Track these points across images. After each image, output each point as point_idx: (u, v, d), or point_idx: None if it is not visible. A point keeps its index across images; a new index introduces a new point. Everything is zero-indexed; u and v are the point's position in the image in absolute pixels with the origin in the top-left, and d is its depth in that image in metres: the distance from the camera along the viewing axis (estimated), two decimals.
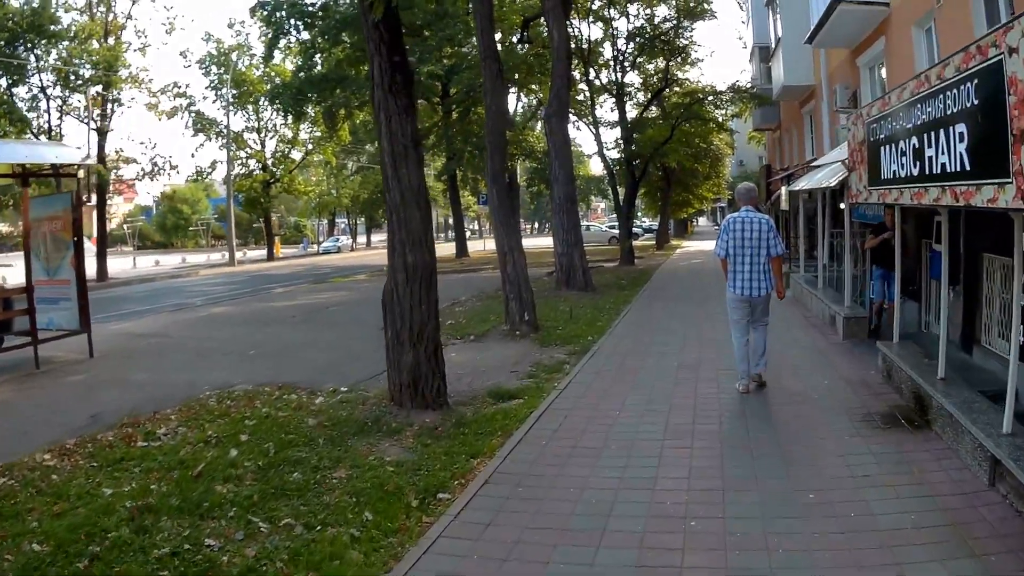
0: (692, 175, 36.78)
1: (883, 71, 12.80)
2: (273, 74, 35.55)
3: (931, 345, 8.07)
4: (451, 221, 48.08)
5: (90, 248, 46.50)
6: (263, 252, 45.17)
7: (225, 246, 45.46)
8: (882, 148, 6.17)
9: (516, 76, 24.63)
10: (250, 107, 37.96)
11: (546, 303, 14.15)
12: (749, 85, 25.10)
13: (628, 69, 26.53)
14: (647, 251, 33.31)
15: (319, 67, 23.61)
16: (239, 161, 38.78)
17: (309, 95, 23.30)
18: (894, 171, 5.81)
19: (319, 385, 8.11)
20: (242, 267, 35.36)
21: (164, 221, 66.48)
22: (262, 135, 39.62)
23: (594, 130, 25.85)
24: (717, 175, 38.67)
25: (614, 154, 27.71)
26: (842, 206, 14.44)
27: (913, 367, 6.38)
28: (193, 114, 35.77)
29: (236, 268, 34.49)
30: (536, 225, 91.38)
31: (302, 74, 23.51)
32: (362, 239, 63.16)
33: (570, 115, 26.83)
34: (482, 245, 42.50)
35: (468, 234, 43.81)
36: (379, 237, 65.28)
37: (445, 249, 39.47)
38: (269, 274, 30.08)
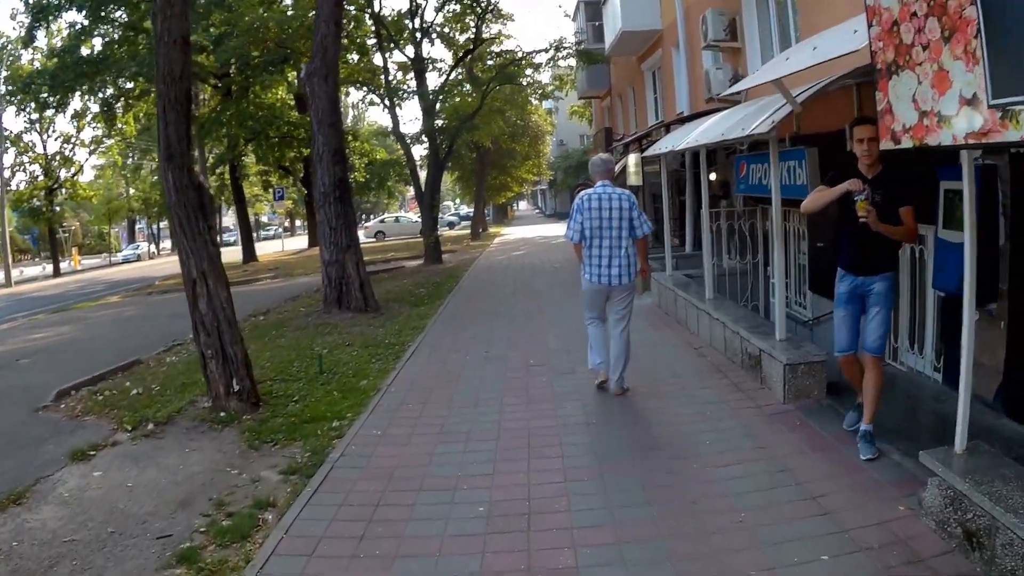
0: (509, 155, 33.26)
1: None
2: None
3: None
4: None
5: None
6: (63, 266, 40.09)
7: (31, 261, 44.50)
8: None
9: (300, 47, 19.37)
10: (32, 104, 30.91)
11: (299, 338, 9.16)
12: (575, 43, 21.21)
13: (434, 39, 21.59)
14: (461, 243, 28.74)
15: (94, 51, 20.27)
16: (20, 167, 34.56)
17: (67, 84, 19.56)
18: None
19: None
20: (18, 288, 29.76)
21: None
22: (44, 136, 34.68)
23: (388, 102, 20.66)
24: (537, 155, 35.26)
25: (415, 130, 22.84)
26: (714, 177, 10.65)
27: None
28: None
29: (12, 289, 29.26)
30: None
31: (62, 58, 19.80)
32: (166, 243, 56.00)
33: (362, 88, 21.90)
34: (280, 246, 36.66)
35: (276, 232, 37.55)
36: None
37: (231, 254, 32.53)
38: (35, 296, 23.84)
